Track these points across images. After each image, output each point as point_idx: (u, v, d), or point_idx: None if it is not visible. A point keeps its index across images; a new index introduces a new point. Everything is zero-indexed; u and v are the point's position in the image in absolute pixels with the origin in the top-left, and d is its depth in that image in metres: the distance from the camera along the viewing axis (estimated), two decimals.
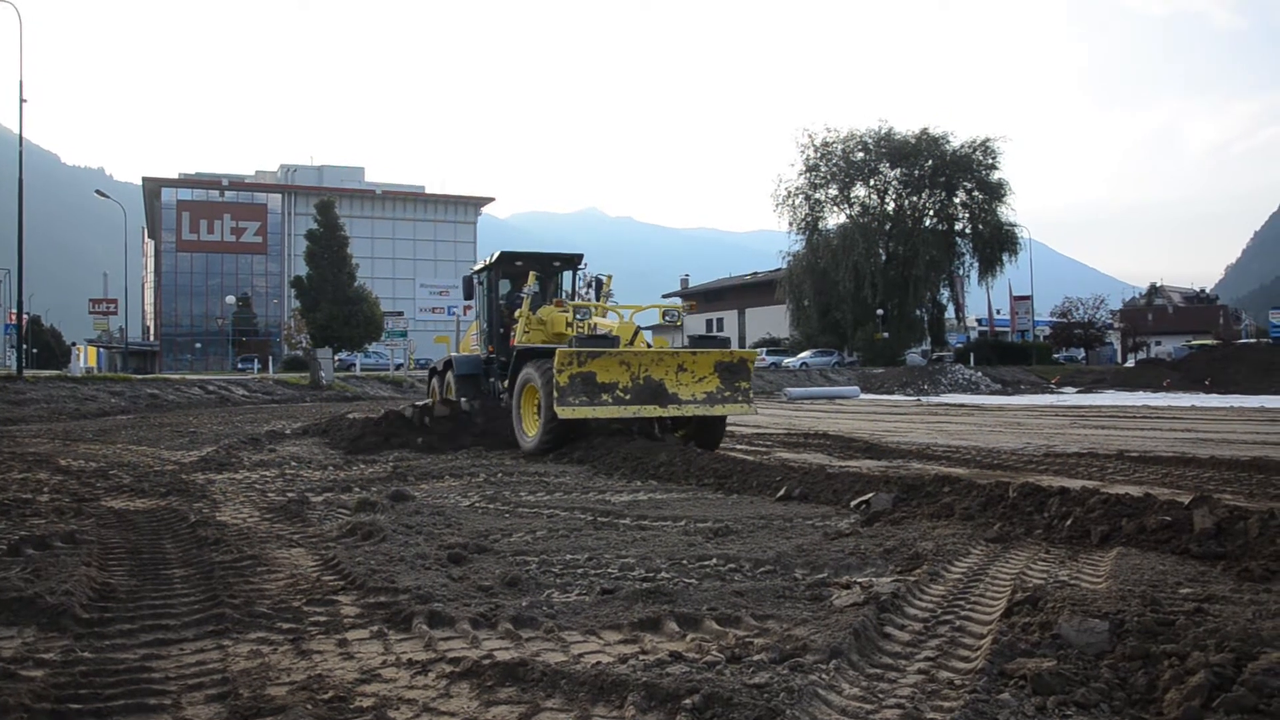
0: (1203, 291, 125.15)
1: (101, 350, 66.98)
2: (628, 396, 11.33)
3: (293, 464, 11.17)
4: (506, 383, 13.72)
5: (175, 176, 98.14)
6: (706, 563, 5.30)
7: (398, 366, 54.46)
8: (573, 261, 15.81)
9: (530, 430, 12.09)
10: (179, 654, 3.70)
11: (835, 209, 55.59)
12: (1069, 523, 6.03)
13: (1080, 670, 3.29)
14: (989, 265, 54.03)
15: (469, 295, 15.93)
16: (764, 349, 56.12)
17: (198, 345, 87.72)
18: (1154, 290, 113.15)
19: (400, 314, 62.66)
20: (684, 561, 5.33)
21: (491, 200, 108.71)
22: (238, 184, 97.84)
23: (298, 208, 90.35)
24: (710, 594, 4.51)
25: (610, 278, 15.55)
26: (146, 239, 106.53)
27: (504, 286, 15.60)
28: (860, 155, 53.69)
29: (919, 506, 7.03)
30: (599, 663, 3.50)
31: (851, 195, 54.91)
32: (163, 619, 4.14)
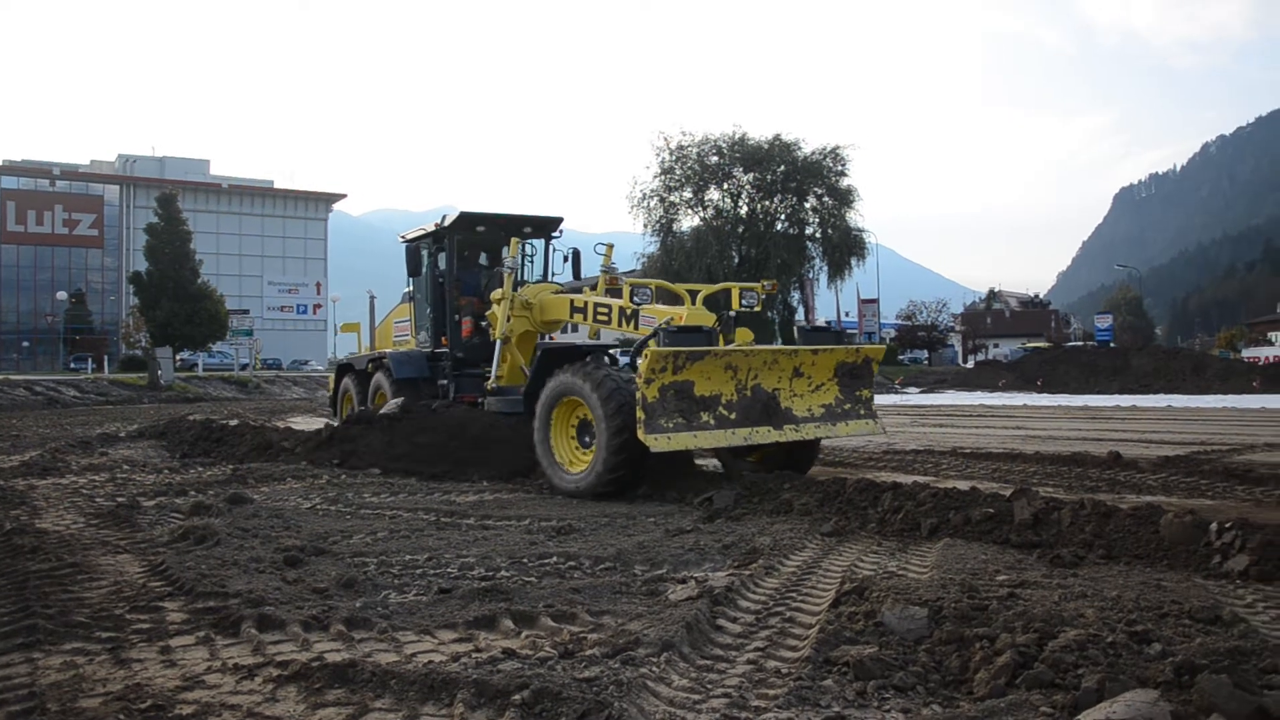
0: (1037, 297, 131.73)
1: None
2: (733, 415, 8.13)
3: (125, 467, 10.68)
4: (490, 381, 11.06)
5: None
6: (547, 560, 5.32)
7: (243, 367, 52.69)
8: (548, 226, 12.60)
9: (572, 464, 8.68)
10: None
11: (689, 211, 56.24)
12: (900, 516, 6.30)
13: (900, 655, 3.44)
14: (838, 269, 55.55)
15: (416, 270, 12.37)
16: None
17: (25, 344, 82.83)
18: (993, 295, 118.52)
19: (246, 312, 60.60)
20: (525, 560, 5.34)
21: (343, 197, 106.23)
22: (70, 174, 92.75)
23: (137, 200, 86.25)
24: (548, 591, 4.53)
25: (611, 247, 12.07)
26: None
27: (444, 260, 12.44)
28: (714, 159, 54.45)
29: (760, 503, 7.21)
30: (431, 662, 3.48)
31: (705, 198, 55.66)
32: None
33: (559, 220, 12.66)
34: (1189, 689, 2.87)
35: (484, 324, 11.61)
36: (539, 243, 12.45)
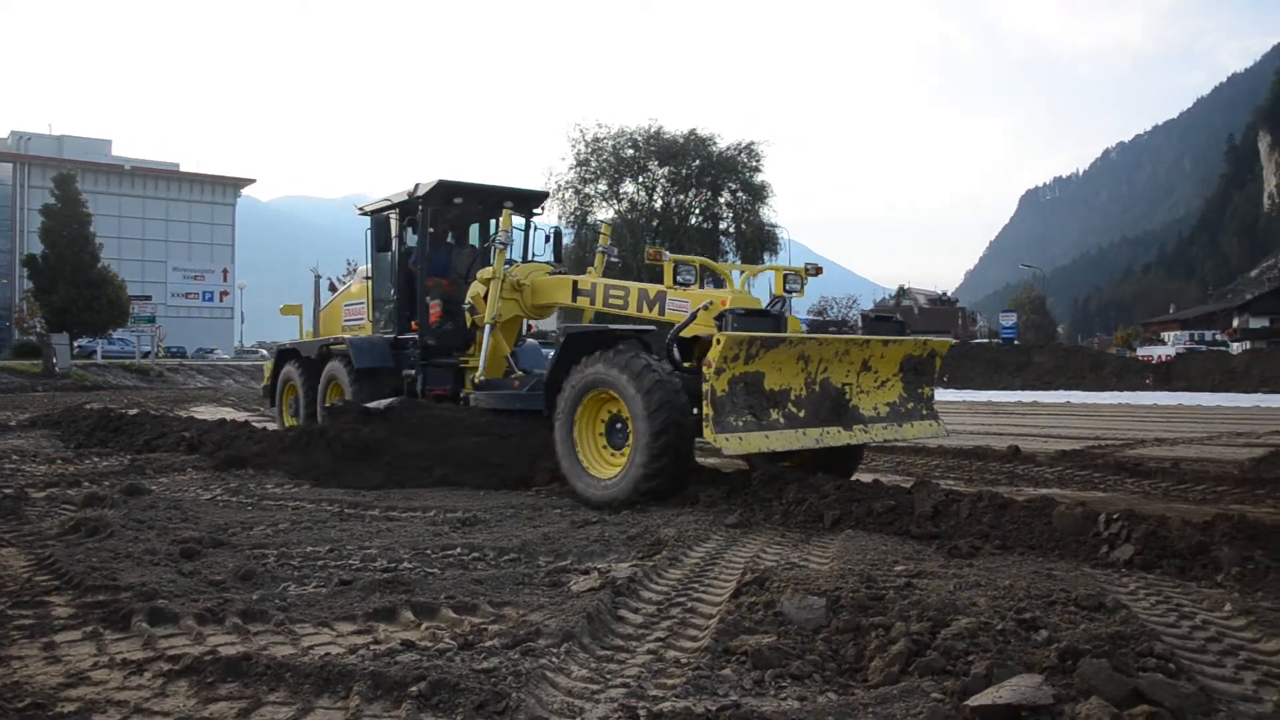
0: (945, 294, 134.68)
1: None
2: (802, 413, 7.21)
3: (15, 458, 10.29)
4: (479, 373, 9.84)
5: None
6: (451, 552, 5.28)
7: (145, 354, 51.24)
8: (530, 201, 11.41)
9: (602, 469, 7.64)
10: None
11: (605, 204, 56.22)
12: (804, 508, 6.39)
13: (798, 644, 3.49)
14: (751, 264, 56.13)
15: (386, 244, 11.04)
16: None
17: None
18: (902, 292, 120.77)
19: (148, 299, 58.90)
20: (428, 551, 5.29)
21: (252, 182, 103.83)
22: None
23: (32, 180, 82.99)
24: (450, 583, 4.50)
25: (609, 225, 11.57)
26: None
27: (409, 235, 11.19)
28: (630, 152, 54.46)
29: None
30: (328, 654, 3.43)
31: (621, 191, 55.69)
32: None
33: (544, 195, 11.67)
34: (1071, 673, 2.97)
35: (466, 306, 10.45)
36: (519, 220, 11.17)
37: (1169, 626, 3.82)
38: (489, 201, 11.15)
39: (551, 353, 8.99)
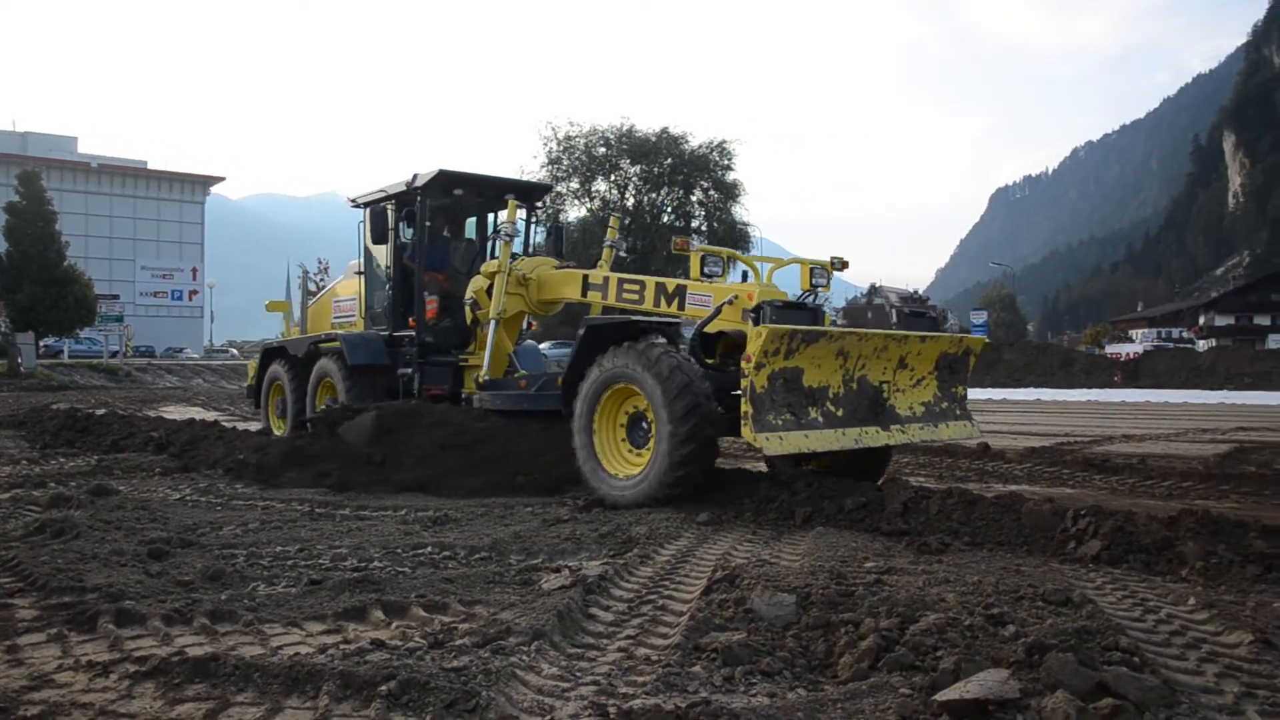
0: (916, 292, 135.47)
1: None
2: (840, 412, 6.90)
3: None
4: (483, 373, 9.44)
5: None
6: (421, 551, 5.26)
7: (113, 354, 50.73)
8: (533, 194, 11.21)
9: (623, 468, 7.33)
10: None
11: (576, 202, 56.16)
12: (775, 505, 6.42)
13: (768, 641, 3.50)
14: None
15: (383, 237, 10.55)
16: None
17: None
18: (874, 290, 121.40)
19: (116, 298, 58.25)
20: (399, 550, 5.27)
21: (222, 180, 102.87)
22: None
23: None
24: (421, 581, 4.49)
25: (618, 219, 11.12)
26: None
27: (404, 228, 10.80)
28: (602, 150, 54.39)
29: None
30: (297, 654, 3.41)
31: (593, 189, 55.66)
32: None
33: (547, 188, 11.20)
34: (1038, 667, 3.00)
35: (468, 301, 9.99)
36: (521, 212, 10.60)
37: (1134, 620, 3.87)
38: (489, 194, 10.87)
39: (546, 352, 8.76)
